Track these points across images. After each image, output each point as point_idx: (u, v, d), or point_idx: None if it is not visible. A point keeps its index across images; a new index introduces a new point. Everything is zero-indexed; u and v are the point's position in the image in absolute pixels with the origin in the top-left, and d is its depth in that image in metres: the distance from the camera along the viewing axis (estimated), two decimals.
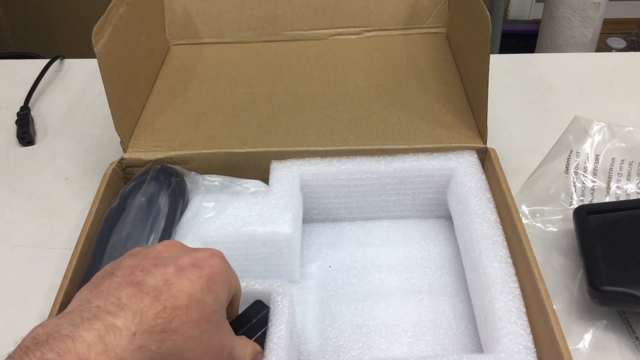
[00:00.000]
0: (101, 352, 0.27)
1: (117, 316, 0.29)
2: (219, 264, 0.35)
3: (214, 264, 0.35)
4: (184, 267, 0.33)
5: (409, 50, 0.69)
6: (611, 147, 0.58)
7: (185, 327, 0.31)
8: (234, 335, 0.36)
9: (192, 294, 0.32)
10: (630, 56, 0.81)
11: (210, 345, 0.33)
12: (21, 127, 0.69)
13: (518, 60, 0.78)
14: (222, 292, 0.35)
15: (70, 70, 0.81)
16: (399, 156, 0.53)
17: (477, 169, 0.52)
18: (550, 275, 0.51)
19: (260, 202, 0.50)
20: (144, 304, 0.30)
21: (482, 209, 0.49)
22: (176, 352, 0.31)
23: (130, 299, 0.30)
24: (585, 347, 0.46)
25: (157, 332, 0.30)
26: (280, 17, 0.71)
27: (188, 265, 0.33)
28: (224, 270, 0.35)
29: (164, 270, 0.33)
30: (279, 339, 0.40)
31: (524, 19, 1.96)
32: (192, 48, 0.72)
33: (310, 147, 0.55)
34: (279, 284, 0.43)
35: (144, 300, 0.30)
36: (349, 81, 0.64)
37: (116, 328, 0.29)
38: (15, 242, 0.57)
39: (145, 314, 0.30)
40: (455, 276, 0.52)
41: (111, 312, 0.29)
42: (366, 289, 0.52)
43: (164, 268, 0.33)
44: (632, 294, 0.44)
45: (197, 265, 0.34)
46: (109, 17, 0.53)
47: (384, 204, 0.56)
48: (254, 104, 0.61)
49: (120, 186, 0.54)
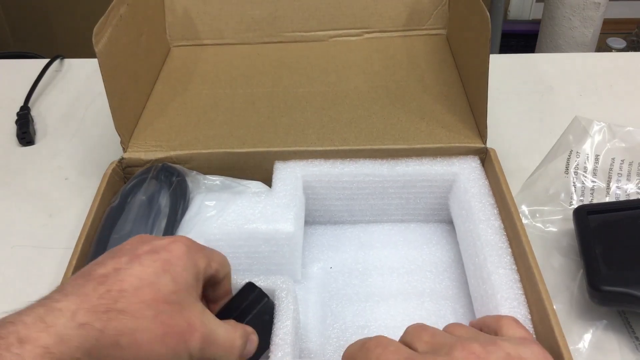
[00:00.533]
0: (41, 329, 0.28)
1: (59, 301, 0.30)
2: (179, 247, 0.35)
3: (173, 249, 0.35)
4: (140, 254, 0.34)
5: (409, 52, 0.69)
6: (611, 147, 0.59)
7: (135, 308, 0.31)
8: (212, 318, 0.36)
9: (144, 277, 0.33)
10: (630, 56, 0.81)
11: (172, 326, 0.33)
12: (21, 127, 0.69)
13: (518, 60, 0.78)
14: (184, 274, 0.35)
15: (70, 70, 0.81)
16: (402, 160, 0.53)
17: (480, 174, 0.52)
18: (550, 275, 0.51)
19: (262, 200, 0.50)
20: (87, 289, 0.31)
21: (485, 215, 0.49)
22: (126, 332, 0.31)
23: (74, 287, 0.31)
24: (585, 347, 0.46)
25: (100, 311, 0.30)
26: (281, 19, 0.72)
27: (144, 253, 0.34)
28: (186, 253, 0.35)
29: (118, 260, 0.33)
30: (285, 334, 0.40)
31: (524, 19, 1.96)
32: (192, 49, 0.72)
33: (310, 147, 0.55)
34: (283, 280, 0.43)
35: (87, 286, 0.31)
36: (349, 82, 0.64)
37: (57, 310, 0.29)
38: (15, 242, 0.57)
39: (88, 296, 0.31)
40: (457, 280, 0.52)
41: (54, 298, 0.30)
42: (367, 290, 0.52)
43: (118, 258, 0.34)
44: (632, 294, 0.44)
45: (154, 252, 0.34)
46: (109, 17, 0.53)
47: (386, 208, 0.56)
48: (254, 104, 0.61)
49: (120, 186, 0.54)
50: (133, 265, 0.33)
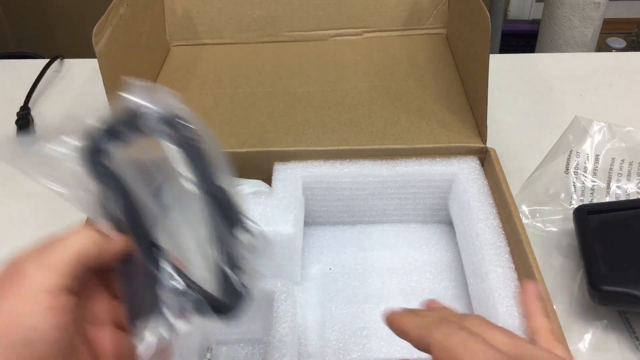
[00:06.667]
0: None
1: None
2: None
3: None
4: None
5: (409, 51, 0.69)
6: (611, 147, 0.59)
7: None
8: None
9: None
10: (630, 56, 0.81)
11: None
12: (21, 127, 0.69)
13: (518, 60, 0.78)
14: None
15: (70, 70, 0.81)
16: (402, 160, 0.53)
17: (479, 174, 0.52)
18: (550, 275, 0.51)
19: (262, 202, 0.50)
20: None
21: (484, 214, 0.49)
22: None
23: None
24: (585, 347, 0.46)
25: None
26: (280, 18, 0.71)
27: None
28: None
29: None
30: (282, 336, 0.40)
31: (524, 19, 1.96)
32: (192, 49, 0.72)
33: (310, 147, 0.55)
34: (283, 283, 0.43)
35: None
36: (348, 81, 0.64)
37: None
38: (15, 242, 0.57)
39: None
40: (456, 281, 0.52)
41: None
42: (367, 291, 0.52)
43: None
44: (632, 294, 0.44)
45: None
46: (109, 17, 0.53)
47: (385, 208, 0.56)
48: (254, 104, 0.61)
49: None
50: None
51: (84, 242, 0.29)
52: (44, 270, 0.28)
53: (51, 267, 0.28)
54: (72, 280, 0.28)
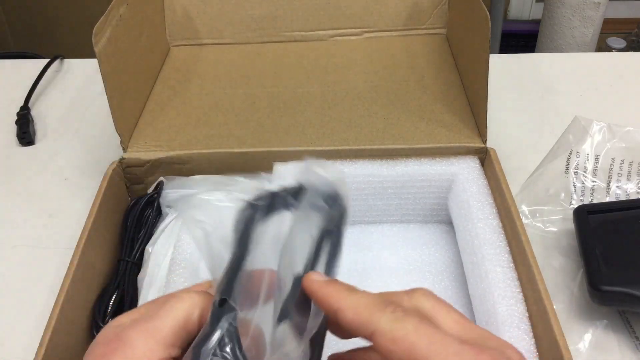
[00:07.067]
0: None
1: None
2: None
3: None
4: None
5: (409, 51, 0.69)
6: (611, 147, 0.59)
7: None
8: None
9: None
10: (630, 56, 0.81)
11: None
12: (21, 127, 0.69)
13: (518, 60, 0.78)
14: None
15: (70, 70, 0.81)
16: (401, 160, 0.53)
17: (479, 174, 0.52)
18: (550, 275, 0.51)
19: None
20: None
21: (484, 214, 0.49)
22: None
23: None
24: (585, 347, 0.46)
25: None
26: (280, 18, 0.71)
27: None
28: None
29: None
30: None
31: (524, 19, 1.96)
32: (192, 49, 0.72)
33: (310, 147, 0.55)
34: None
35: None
36: (348, 81, 0.64)
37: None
38: (15, 242, 0.57)
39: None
40: (456, 281, 0.52)
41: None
42: None
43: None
44: (632, 294, 0.44)
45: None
46: (109, 17, 0.53)
47: (385, 208, 0.56)
48: (254, 104, 0.61)
49: (120, 186, 0.54)
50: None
51: (189, 308, 0.28)
52: (150, 341, 0.27)
53: (157, 338, 0.27)
54: (177, 350, 0.28)
